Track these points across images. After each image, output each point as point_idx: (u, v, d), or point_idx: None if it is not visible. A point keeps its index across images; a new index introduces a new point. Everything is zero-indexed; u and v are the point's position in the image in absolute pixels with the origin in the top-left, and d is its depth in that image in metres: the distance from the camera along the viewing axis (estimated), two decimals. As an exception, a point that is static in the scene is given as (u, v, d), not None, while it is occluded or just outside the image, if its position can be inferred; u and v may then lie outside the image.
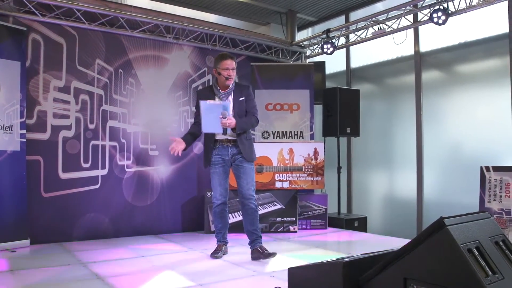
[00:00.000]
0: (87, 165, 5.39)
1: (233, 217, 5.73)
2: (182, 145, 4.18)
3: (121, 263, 4.16)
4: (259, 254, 4.19)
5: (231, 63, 4.18)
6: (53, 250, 4.69)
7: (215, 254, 4.36)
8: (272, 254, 4.19)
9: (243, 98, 4.29)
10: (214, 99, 4.19)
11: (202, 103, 4.01)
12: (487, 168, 4.85)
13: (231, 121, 4.06)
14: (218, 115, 3.99)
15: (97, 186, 5.44)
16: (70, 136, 5.28)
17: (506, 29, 5.32)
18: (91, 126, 5.44)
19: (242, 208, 4.34)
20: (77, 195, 5.29)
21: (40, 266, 3.93)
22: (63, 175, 5.22)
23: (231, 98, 4.25)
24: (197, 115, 4.25)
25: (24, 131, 4.88)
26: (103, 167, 5.51)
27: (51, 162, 5.14)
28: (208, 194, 5.73)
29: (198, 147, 6.22)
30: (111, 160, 5.56)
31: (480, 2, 5.10)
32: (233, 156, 4.25)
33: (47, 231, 5.04)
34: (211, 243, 5.13)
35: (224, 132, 4.16)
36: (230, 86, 4.25)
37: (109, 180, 5.53)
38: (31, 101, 5.03)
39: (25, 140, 4.88)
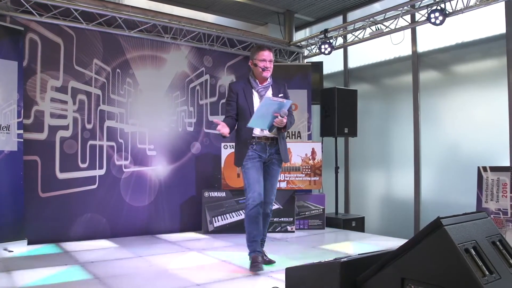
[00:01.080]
0: (85, 165, 5.38)
1: (231, 217, 5.73)
2: (227, 128, 3.79)
3: (118, 263, 4.15)
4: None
5: (268, 55, 3.95)
6: (51, 251, 4.68)
7: (259, 268, 3.79)
8: (270, 262, 4.04)
9: (281, 95, 4.04)
10: (251, 92, 3.96)
11: (266, 98, 3.69)
12: (484, 168, 4.86)
13: (285, 120, 3.79)
14: (273, 112, 3.69)
15: (94, 186, 5.43)
16: (67, 136, 5.27)
17: (503, 30, 5.33)
18: (89, 126, 5.43)
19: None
20: (75, 195, 5.28)
21: (37, 267, 3.93)
22: (61, 175, 5.21)
23: (269, 93, 4.01)
24: (232, 109, 3.96)
25: (21, 131, 4.87)
26: (101, 167, 5.50)
27: (49, 162, 5.13)
28: (206, 193, 5.73)
29: (195, 147, 6.22)
30: (108, 160, 5.55)
31: (478, 3, 5.11)
32: (270, 155, 3.97)
33: (45, 231, 5.03)
34: (209, 243, 5.14)
35: (271, 129, 3.83)
36: (268, 80, 4.02)
37: (107, 180, 5.52)
38: (29, 101, 5.02)
39: (22, 140, 4.87)
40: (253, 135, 3.90)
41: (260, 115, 3.69)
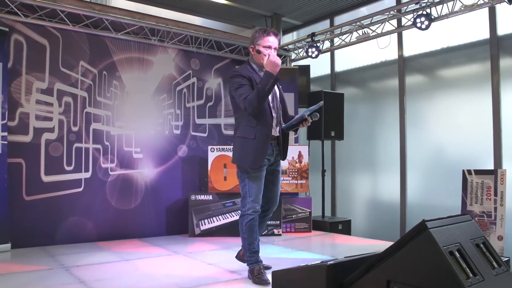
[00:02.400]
0: (70, 168, 5.33)
1: (217, 221, 5.72)
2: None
3: (104, 267, 4.12)
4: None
5: (274, 41, 3.50)
6: (35, 254, 4.62)
7: (263, 279, 3.45)
8: (266, 267, 3.77)
9: (280, 86, 3.77)
10: (256, 82, 3.44)
11: (319, 104, 3.41)
12: (469, 171, 4.91)
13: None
14: (304, 115, 3.40)
15: (80, 189, 5.38)
16: (53, 139, 5.22)
17: (487, 35, 5.41)
18: (75, 129, 5.38)
19: (263, 216, 3.71)
20: (60, 198, 5.22)
21: (21, 271, 3.88)
22: (46, 178, 5.15)
23: (276, 88, 3.63)
24: (250, 91, 3.38)
25: (5, 133, 4.81)
26: (87, 170, 5.46)
27: (33, 165, 5.07)
28: (193, 197, 5.72)
29: (182, 150, 6.20)
30: (94, 163, 5.51)
31: (462, 8, 5.17)
32: (276, 156, 3.64)
33: (29, 234, 4.97)
34: (196, 247, 5.12)
35: (289, 129, 3.55)
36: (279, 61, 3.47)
37: (93, 183, 5.47)
38: (13, 103, 4.96)
39: (6, 142, 4.81)
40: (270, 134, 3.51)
41: (297, 118, 3.43)
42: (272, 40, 3.51)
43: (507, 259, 4.47)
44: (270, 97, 3.51)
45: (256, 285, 3.47)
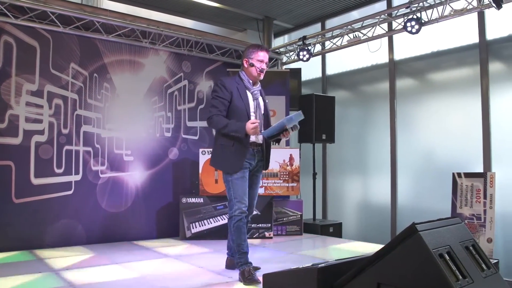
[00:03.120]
0: (60, 171, 5.30)
1: (208, 223, 5.71)
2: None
3: (94, 270, 4.09)
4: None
5: (265, 56, 3.77)
6: (24, 258, 4.59)
7: (254, 279, 3.54)
8: (255, 268, 3.80)
9: (267, 102, 3.99)
10: (245, 93, 3.74)
11: (299, 113, 3.58)
12: (459, 174, 4.94)
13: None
14: (284, 125, 3.57)
15: (70, 192, 5.35)
16: (43, 141, 5.18)
17: (476, 39, 5.46)
18: (65, 131, 5.35)
19: None
20: (50, 201, 5.19)
21: (10, 274, 3.84)
22: (35, 181, 5.12)
23: (260, 98, 3.87)
24: (224, 109, 3.69)
25: (-5, 136, 4.78)
26: (77, 173, 5.42)
27: (23, 167, 5.03)
28: (183, 199, 5.70)
29: (173, 152, 6.19)
30: (85, 165, 5.48)
31: (452, 13, 5.22)
32: (257, 162, 3.84)
33: (18, 238, 4.93)
34: (187, 250, 5.11)
35: (271, 138, 3.71)
36: (259, 83, 3.87)
37: (83, 185, 5.44)
38: (3, 104, 4.92)
39: (-4, 144, 4.78)
40: (250, 141, 3.71)
41: (276, 127, 3.58)
42: (263, 55, 3.77)
43: (496, 261, 4.51)
44: (253, 106, 3.77)
45: (247, 286, 3.51)
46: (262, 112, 3.84)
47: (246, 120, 3.62)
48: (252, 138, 3.72)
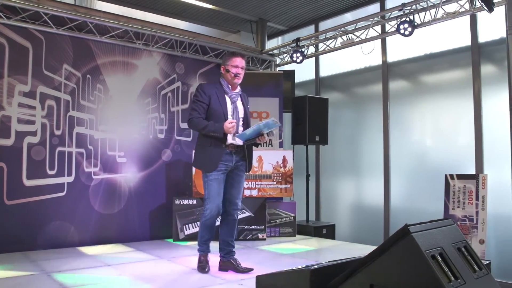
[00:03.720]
0: (53, 172, 5.27)
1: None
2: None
3: (87, 272, 4.07)
4: (233, 267, 4.05)
5: (241, 61, 4.04)
6: (16, 259, 4.55)
7: (205, 269, 4.02)
8: (248, 270, 4.01)
9: (249, 106, 4.23)
10: (224, 97, 4.00)
11: (276, 120, 3.79)
12: (451, 176, 4.97)
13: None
14: (260, 130, 3.81)
15: (63, 194, 5.33)
16: (35, 142, 5.15)
17: (468, 42, 5.50)
18: (58, 132, 5.33)
19: (224, 216, 4.11)
20: (42, 203, 5.16)
21: (2, 277, 3.82)
22: (28, 182, 5.09)
23: (240, 102, 4.11)
24: (203, 111, 3.94)
25: (-14, 137, 4.75)
26: (69, 174, 5.40)
27: (15, 169, 5.00)
28: (177, 201, 5.69)
29: (166, 154, 6.18)
30: (77, 167, 5.46)
31: (444, 16, 5.25)
32: (236, 162, 4.01)
33: (10, 239, 4.89)
34: (180, 251, 5.09)
35: (247, 142, 3.94)
36: (238, 88, 4.11)
37: (76, 187, 5.42)
38: (-5, 106, 4.91)
39: (-13, 146, 4.75)
40: (226, 143, 3.92)
41: (252, 132, 3.82)
42: (239, 61, 4.03)
43: (488, 262, 4.54)
44: (230, 109, 4.00)
45: (198, 272, 4.03)
46: (241, 115, 4.06)
47: (223, 121, 3.87)
48: (230, 140, 3.91)
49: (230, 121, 3.85)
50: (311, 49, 6.91)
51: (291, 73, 7.16)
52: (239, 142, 3.93)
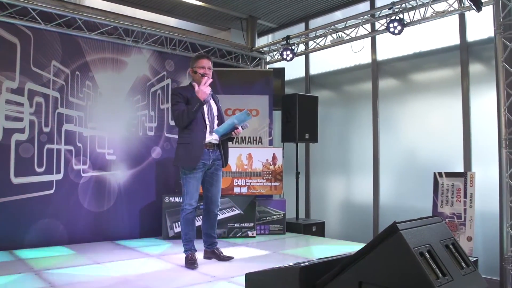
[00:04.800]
0: (41, 170, 5.23)
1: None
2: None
3: (75, 270, 4.05)
4: (215, 255, 4.43)
5: (207, 62, 4.25)
6: (4, 258, 4.52)
7: (194, 265, 4.13)
8: (228, 258, 4.41)
9: (220, 105, 4.43)
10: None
11: (247, 112, 4.02)
12: (440, 174, 5.02)
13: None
14: (234, 124, 4.07)
15: (51, 191, 5.29)
16: (23, 140, 5.11)
17: (457, 41, 5.54)
18: (46, 130, 5.29)
19: (206, 214, 4.38)
20: (30, 201, 5.12)
21: (-11, 274, 3.79)
22: (16, 180, 5.04)
23: (212, 101, 4.32)
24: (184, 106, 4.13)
25: (-26, 134, 4.70)
26: (58, 172, 5.36)
27: (3, 166, 4.95)
28: (166, 199, 5.67)
29: (156, 151, 6.15)
30: (66, 164, 5.42)
31: (434, 14, 5.29)
32: (213, 161, 4.23)
33: (-3, 237, 4.86)
34: (169, 249, 5.08)
35: (223, 137, 4.19)
36: (209, 88, 4.20)
37: (64, 185, 5.38)
38: (-18, 102, 4.85)
39: (-25, 143, 4.70)
40: (204, 141, 4.14)
41: (226, 126, 4.06)
42: (205, 62, 4.25)
43: (475, 259, 4.59)
44: (205, 109, 4.19)
45: (187, 269, 4.09)
46: (215, 113, 4.28)
47: (201, 120, 4.11)
48: (207, 138, 4.14)
49: (201, 86, 4.04)
50: (301, 47, 6.92)
51: (281, 71, 7.17)
52: (216, 138, 4.17)
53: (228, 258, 4.41)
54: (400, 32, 5.41)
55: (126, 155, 5.91)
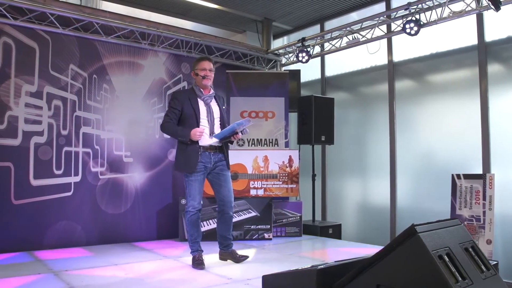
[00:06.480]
0: (60, 172, 5.30)
1: (208, 225, 5.71)
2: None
3: (93, 271, 4.09)
4: (230, 256, 4.44)
5: (208, 64, 4.27)
6: (23, 259, 4.58)
7: (201, 266, 4.20)
8: (243, 257, 4.42)
9: (224, 107, 4.45)
10: (196, 101, 4.24)
11: (248, 119, 4.12)
12: (458, 176, 4.95)
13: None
14: (234, 129, 4.10)
15: (69, 193, 5.35)
16: (42, 142, 5.18)
17: (475, 41, 5.47)
18: (64, 132, 5.35)
19: (220, 215, 4.38)
20: (49, 203, 5.18)
21: (8, 276, 3.84)
22: (35, 182, 5.11)
23: (215, 103, 4.36)
24: (175, 117, 4.21)
25: (-6, 137, 4.78)
26: (76, 174, 5.42)
27: (22, 169, 5.03)
28: (183, 201, 5.69)
29: (172, 154, 6.18)
30: (84, 167, 5.48)
31: (451, 14, 5.23)
32: (215, 163, 4.27)
33: (17, 239, 4.92)
34: (186, 251, 5.08)
35: (222, 141, 4.24)
36: (212, 90, 4.34)
37: (82, 187, 5.44)
38: (2, 106, 4.92)
39: (-5, 146, 4.78)
40: (200, 144, 4.19)
41: (226, 131, 4.11)
42: (206, 64, 4.27)
43: (495, 262, 4.51)
44: (204, 112, 4.25)
45: (195, 269, 4.17)
46: (216, 116, 4.31)
47: (195, 125, 4.14)
48: (208, 141, 4.19)
49: (200, 129, 4.10)
50: (317, 49, 6.90)
51: (297, 73, 7.15)
52: (215, 142, 4.22)
53: (244, 258, 4.43)
54: (416, 33, 5.36)
55: (143, 158, 5.95)
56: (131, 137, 5.87)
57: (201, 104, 4.25)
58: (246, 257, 4.46)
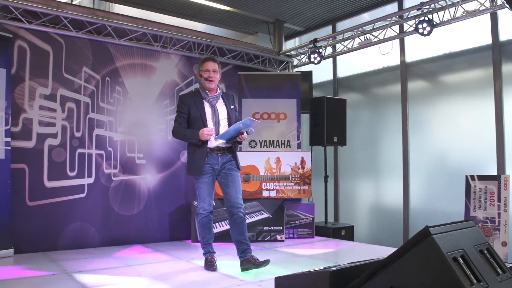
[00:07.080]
0: (73, 174, 5.34)
1: (220, 226, 5.72)
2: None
3: (107, 272, 4.12)
4: (251, 264, 4.08)
5: (211, 65, 4.22)
6: (38, 260, 4.63)
7: (213, 267, 4.18)
8: (264, 262, 4.07)
9: (233, 107, 4.38)
10: (202, 103, 4.20)
11: (252, 119, 3.96)
12: (472, 177, 4.90)
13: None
14: (239, 129, 4.02)
15: (83, 195, 5.39)
16: (56, 144, 5.23)
17: (489, 41, 5.41)
18: (78, 134, 5.40)
19: (230, 218, 4.18)
20: (63, 204, 5.23)
21: (24, 276, 3.89)
22: (49, 184, 5.16)
23: (221, 103, 4.30)
24: (184, 121, 4.20)
25: (9, 139, 4.83)
26: (89, 176, 5.46)
27: (36, 170, 5.09)
28: (195, 203, 5.70)
29: (185, 156, 6.18)
30: (97, 168, 5.52)
31: (464, 14, 5.18)
32: (223, 164, 4.20)
33: (32, 240, 4.98)
34: (199, 252, 5.09)
35: (229, 141, 4.15)
36: (218, 91, 4.30)
37: (96, 188, 5.48)
38: (16, 108, 4.98)
39: (10, 148, 4.83)
40: (208, 146, 4.13)
41: (230, 131, 4.03)
42: (210, 65, 4.22)
43: (511, 265, 4.45)
44: (210, 114, 4.21)
45: (206, 270, 4.18)
46: (223, 116, 4.25)
47: (202, 127, 4.08)
48: (215, 143, 4.13)
49: (208, 129, 4.06)
50: (329, 50, 6.88)
51: (309, 74, 7.14)
52: (222, 143, 4.14)
53: (265, 264, 4.08)
54: (429, 33, 5.32)
55: (156, 159, 5.98)
56: (143, 139, 5.90)
57: (206, 106, 4.21)
58: (268, 261, 4.10)
